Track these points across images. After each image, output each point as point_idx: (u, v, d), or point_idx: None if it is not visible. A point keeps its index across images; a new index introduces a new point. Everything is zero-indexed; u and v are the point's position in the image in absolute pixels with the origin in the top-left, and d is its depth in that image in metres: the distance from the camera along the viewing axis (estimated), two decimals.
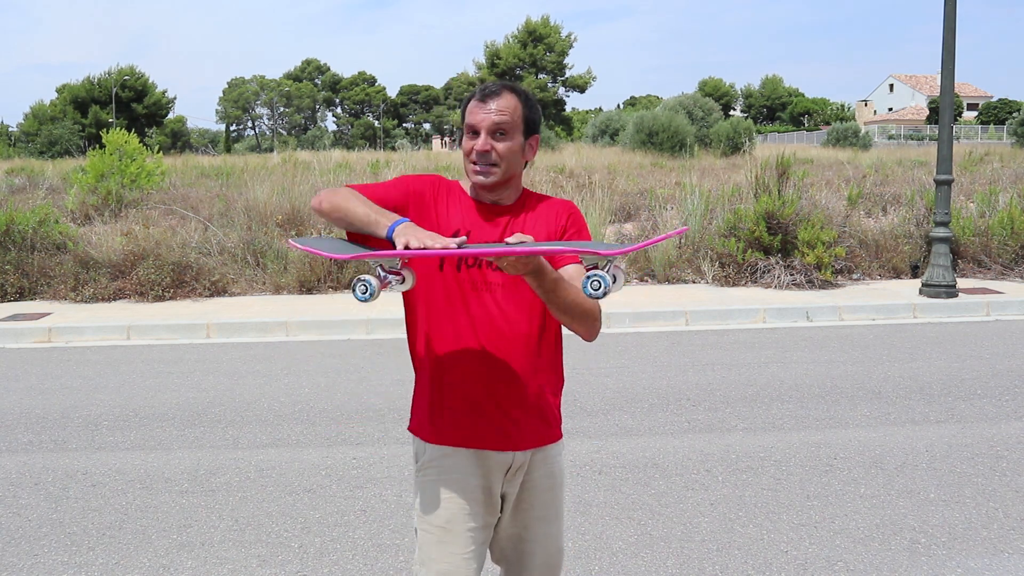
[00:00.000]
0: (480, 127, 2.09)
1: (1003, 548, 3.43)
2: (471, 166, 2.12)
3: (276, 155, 38.44)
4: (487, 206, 2.17)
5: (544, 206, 2.21)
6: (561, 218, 2.19)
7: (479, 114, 2.10)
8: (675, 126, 37.45)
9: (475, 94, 2.15)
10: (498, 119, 2.08)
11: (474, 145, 2.09)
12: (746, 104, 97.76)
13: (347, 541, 3.57)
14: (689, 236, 10.39)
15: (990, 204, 11.49)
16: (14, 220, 9.75)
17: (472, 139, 2.10)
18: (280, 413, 5.37)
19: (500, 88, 2.13)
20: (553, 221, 2.18)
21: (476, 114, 2.10)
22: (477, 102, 2.11)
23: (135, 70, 68.62)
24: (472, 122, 2.10)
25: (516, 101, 2.13)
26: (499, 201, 2.17)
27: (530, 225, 2.15)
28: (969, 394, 5.57)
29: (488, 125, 2.09)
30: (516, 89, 2.16)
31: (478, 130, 2.09)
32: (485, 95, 2.12)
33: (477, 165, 2.10)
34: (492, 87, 2.14)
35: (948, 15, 8.89)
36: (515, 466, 2.14)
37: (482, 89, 2.15)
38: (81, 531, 3.71)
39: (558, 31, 68.44)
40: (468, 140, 2.12)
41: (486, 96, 2.11)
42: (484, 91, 2.14)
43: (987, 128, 68.44)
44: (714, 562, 3.34)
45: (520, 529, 2.19)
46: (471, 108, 2.12)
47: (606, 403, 5.45)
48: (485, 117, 2.09)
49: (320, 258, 9.52)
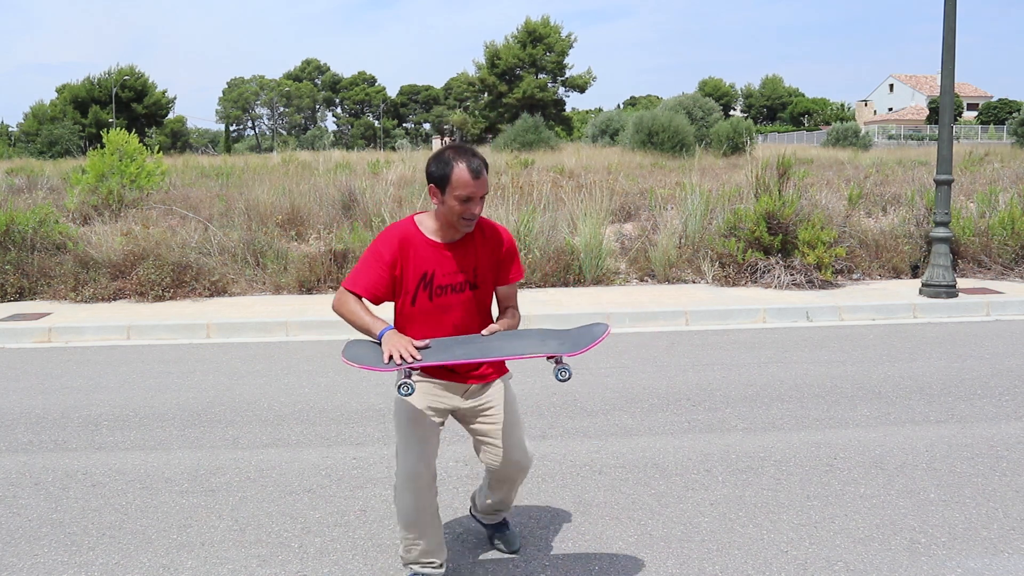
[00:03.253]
0: (474, 197, 2.85)
1: (1003, 548, 3.43)
2: (463, 221, 2.89)
3: (276, 155, 38.47)
4: (443, 245, 2.97)
5: (486, 236, 3.04)
6: (500, 250, 3.06)
7: (473, 188, 2.83)
8: (675, 126, 37.47)
9: (463, 167, 2.82)
10: (484, 192, 2.88)
11: (469, 209, 2.86)
12: (746, 104, 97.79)
13: (347, 541, 3.58)
14: (689, 236, 10.39)
15: (990, 204, 11.49)
16: (14, 220, 9.76)
17: (465, 205, 2.85)
18: (280, 413, 5.37)
19: (482, 166, 2.85)
20: (495, 250, 3.05)
21: (471, 187, 2.83)
22: (471, 178, 2.82)
23: (135, 70, 68.65)
24: (467, 193, 2.83)
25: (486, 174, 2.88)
26: (455, 238, 2.98)
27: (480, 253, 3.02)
28: (969, 394, 5.57)
29: (480, 195, 2.86)
30: (485, 162, 2.90)
31: (472, 198, 2.84)
32: (476, 173, 2.83)
33: (468, 222, 2.90)
34: (477, 165, 2.84)
35: (948, 15, 8.89)
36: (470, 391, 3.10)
37: (471, 167, 2.83)
38: (81, 531, 3.71)
39: (558, 31, 68.43)
40: (460, 204, 2.85)
41: (477, 174, 2.83)
42: (474, 169, 2.83)
43: (987, 128, 68.47)
44: (714, 562, 3.34)
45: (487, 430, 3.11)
46: (465, 181, 2.82)
47: (606, 403, 5.45)
48: (478, 191, 2.85)
49: (320, 259, 9.59)
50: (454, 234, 2.96)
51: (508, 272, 3.09)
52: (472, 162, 2.83)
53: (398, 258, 2.92)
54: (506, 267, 3.08)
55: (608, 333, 2.90)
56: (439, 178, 2.86)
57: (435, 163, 2.88)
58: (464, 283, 2.98)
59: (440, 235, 2.96)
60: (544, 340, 2.87)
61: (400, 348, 2.73)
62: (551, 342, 2.84)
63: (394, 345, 2.74)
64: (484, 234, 3.03)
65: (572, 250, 9.83)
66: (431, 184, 2.90)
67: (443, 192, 2.86)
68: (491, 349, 2.81)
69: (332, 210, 12.63)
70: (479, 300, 3.03)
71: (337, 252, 9.76)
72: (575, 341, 2.83)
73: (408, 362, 2.69)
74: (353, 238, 9.98)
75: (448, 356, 2.76)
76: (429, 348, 2.82)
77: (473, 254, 2.99)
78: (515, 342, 2.87)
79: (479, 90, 73.01)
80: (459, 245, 2.97)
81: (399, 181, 18.02)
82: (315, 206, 12.66)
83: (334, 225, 11.36)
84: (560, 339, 2.87)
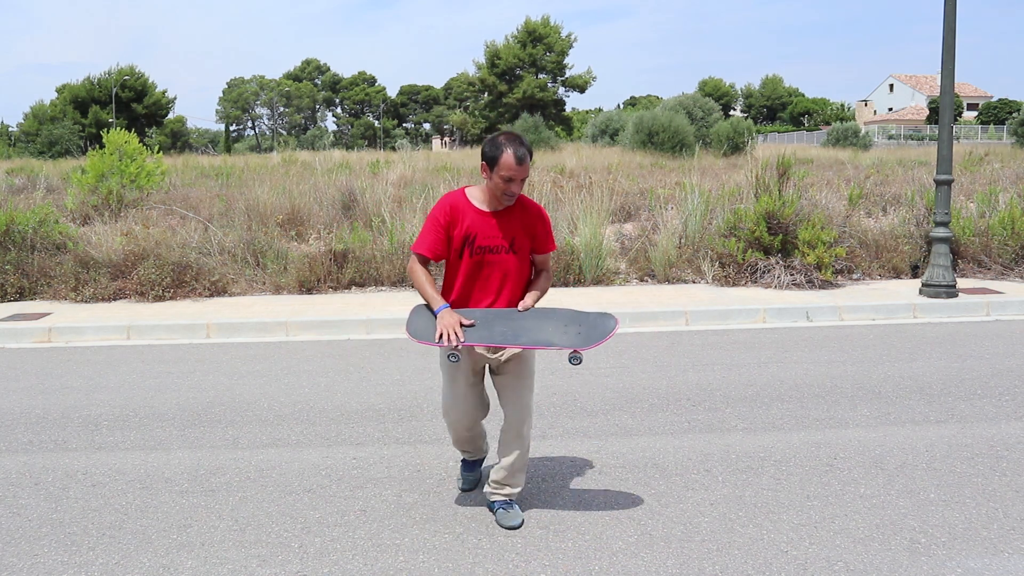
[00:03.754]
0: (516, 179, 3.46)
1: (1003, 548, 3.43)
2: (505, 196, 3.51)
3: (276, 155, 38.48)
4: (488, 213, 3.58)
5: (525, 209, 3.64)
6: (536, 224, 3.65)
7: (515, 171, 3.44)
8: (675, 126, 37.47)
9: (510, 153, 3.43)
10: (525, 176, 3.48)
11: (510, 188, 3.48)
12: (746, 104, 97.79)
13: (347, 541, 3.58)
14: (689, 236, 10.39)
15: (990, 204, 11.49)
16: (14, 220, 9.76)
17: (507, 184, 3.47)
18: (280, 413, 5.37)
19: (526, 154, 3.45)
20: (532, 224, 3.64)
21: (514, 171, 3.44)
22: (515, 164, 3.43)
23: (135, 70, 68.63)
24: (510, 175, 3.44)
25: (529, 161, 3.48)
26: (498, 208, 3.59)
27: (519, 225, 3.60)
28: (969, 394, 5.57)
29: (520, 178, 3.48)
30: (530, 150, 3.50)
31: (513, 179, 3.46)
32: (520, 160, 3.44)
33: (509, 197, 3.52)
34: (522, 153, 3.44)
35: (948, 15, 8.89)
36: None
37: (516, 154, 3.43)
38: (81, 531, 3.71)
39: (558, 31, 68.40)
40: (504, 183, 3.46)
41: (521, 161, 3.44)
42: (518, 156, 3.44)
43: (987, 128, 68.47)
44: (714, 562, 3.34)
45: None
46: (510, 165, 3.43)
47: (606, 403, 5.45)
48: (519, 174, 3.46)
49: (320, 259, 9.59)
50: (497, 205, 3.56)
51: (544, 243, 3.69)
52: (518, 150, 3.44)
53: (450, 220, 3.55)
54: (541, 239, 3.67)
55: (618, 327, 3.55)
56: (490, 159, 3.47)
57: (489, 145, 3.50)
58: (501, 247, 3.57)
59: (486, 205, 3.57)
60: (566, 327, 3.52)
61: (449, 328, 3.40)
62: (571, 329, 3.51)
63: (446, 324, 3.41)
64: (525, 209, 3.63)
65: (572, 250, 9.83)
66: (484, 162, 3.50)
67: (492, 170, 3.47)
68: (522, 331, 3.48)
69: (332, 210, 12.63)
70: (516, 264, 3.61)
71: (337, 252, 9.76)
72: (588, 334, 3.50)
73: (453, 344, 3.37)
74: (353, 238, 9.98)
75: (487, 336, 3.44)
76: (474, 326, 3.46)
77: (512, 224, 3.58)
78: (543, 325, 3.51)
79: (479, 90, 73.00)
80: (501, 215, 3.57)
81: (399, 181, 18.03)
82: (315, 206, 12.67)
83: (334, 225, 11.36)
84: (579, 324, 3.54)
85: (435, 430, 4.94)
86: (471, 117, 75.66)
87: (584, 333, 3.49)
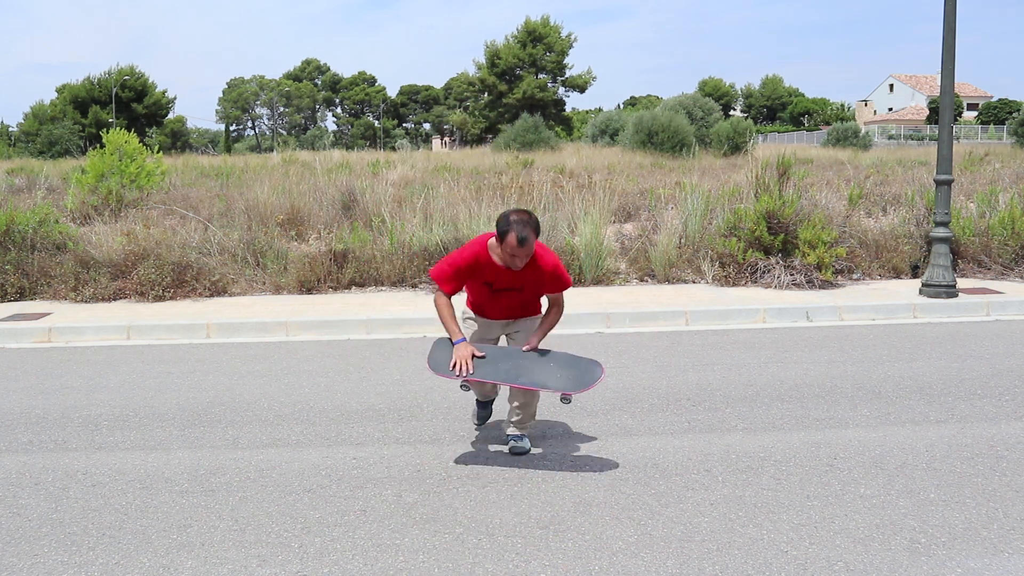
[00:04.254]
0: (518, 255, 4.09)
1: (1003, 548, 3.43)
2: (512, 265, 4.17)
3: (276, 155, 38.48)
4: (502, 267, 4.23)
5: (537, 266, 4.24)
6: (542, 275, 4.28)
7: (517, 251, 4.06)
8: (675, 126, 37.48)
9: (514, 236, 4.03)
10: (528, 254, 4.12)
11: (514, 260, 4.13)
12: (746, 104, 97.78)
13: (347, 541, 3.58)
14: (689, 236, 10.39)
15: (990, 204, 11.49)
16: (14, 220, 9.76)
17: (512, 258, 4.11)
18: (280, 413, 5.37)
19: (529, 235, 4.05)
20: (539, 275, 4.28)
21: (516, 250, 4.06)
22: (517, 245, 4.04)
23: (135, 70, 68.64)
24: (513, 253, 4.08)
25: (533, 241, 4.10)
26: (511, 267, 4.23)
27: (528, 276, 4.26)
28: (969, 394, 5.57)
29: (523, 255, 4.11)
30: (537, 230, 4.13)
31: (516, 255, 4.09)
32: (522, 243, 4.04)
33: (515, 267, 4.18)
34: (525, 235, 4.03)
35: (948, 15, 8.89)
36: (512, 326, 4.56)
37: (519, 236, 4.02)
38: (81, 531, 3.71)
39: (558, 31, 68.40)
40: (509, 256, 4.11)
41: (522, 243, 4.04)
42: (520, 239, 4.03)
43: (987, 128, 68.48)
44: (714, 562, 3.34)
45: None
46: (513, 246, 4.05)
47: (606, 403, 5.45)
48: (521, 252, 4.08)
49: (320, 259, 9.60)
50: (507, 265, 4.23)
51: (553, 288, 4.35)
52: (521, 233, 4.02)
53: (473, 271, 4.27)
54: (549, 285, 4.33)
55: (604, 375, 4.32)
56: (501, 234, 4.10)
57: (502, 222, 4.09)
58: (513, 288, 4.32)
59: (501, 261, 4.23)
60: (560, 371, 4.18)
61: (463, 359, 4.12)
62: (564, 373, 4.17)
63: (460, 355, 4.14)
64: (536, 265, 4.24)
65: (572, 250, 9.83)
66: (496, 234, 4.13)
67: (501, 243, 4.11)
68: (523, 371, 4.18)
69: (332, 210, 12.63)
70: (525, 296, 4.42)
71: (337, 252, 9.76)
72: (579, 379, 4.17)
73: (465, 375, 4.12)
74: (353, 238, 9.98)
75: (492, 373, 4.16)
76: (485, 358, 4.19)
77: (524, 276, 4.26)
78: (540, 367, 4.21)
79: (479, 90, 73.00)
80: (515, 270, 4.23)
81: (399, 181, 18.04)
82: (315, 206, 12.66)
83: (334, 225, 11.35)
84: (571, 369, 4.21)
85: (435, 430, 4.94)
86: (471, 117, 75.66)
87: (575, 377, 4.15)
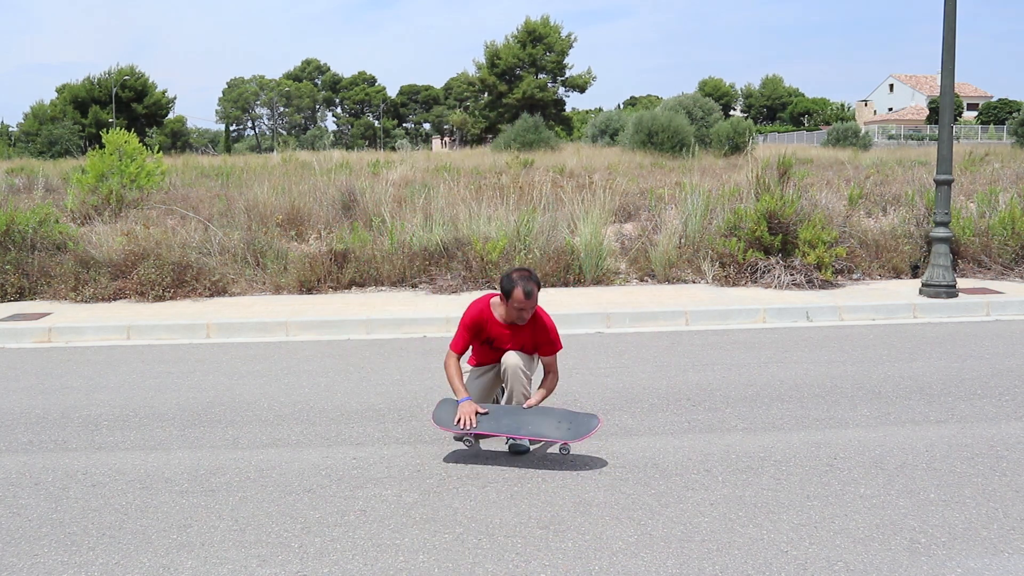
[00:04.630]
0: (525, 308, 4.37)
1: (1003, 548, 3.43)
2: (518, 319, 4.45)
3: (276, 155, 38.48)
4: (504, 325, 4.53)
5: (535, 326, 4.53)
6: (541, 336, 4.55)
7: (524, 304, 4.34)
8: (675, 126, 37.48)
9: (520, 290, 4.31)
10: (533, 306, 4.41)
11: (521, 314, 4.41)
12: (746, 104, 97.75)
13: (347, 541, 3.58)
14: (689, 236, 10.39)
15: (990, 204, 11.49)
16: (14, 220, 9.76)
17: (518, 312, 4.39)
18: (280, 413, 5.37)
19: (534, 289, 4.34)
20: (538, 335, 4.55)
21: (523, 303, 4.34)
22: (524, 298, 4.32)
23: (135, 70, 68.62)
24: (521, 306, 4.36)
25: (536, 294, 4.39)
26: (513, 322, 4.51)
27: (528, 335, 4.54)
28: (969, 394, 5.57)
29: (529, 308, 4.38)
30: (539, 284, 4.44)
31: (523, 308, 4.37)
32: (528, 295, 4.33)
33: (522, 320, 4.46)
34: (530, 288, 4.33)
35: (948, 15, 8.89)
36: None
37: (525, 290, 4.31)
38: (81, 531, 3.71)
39: (558, 31, 68.38)
40: (516, 311, 4.39)
41: (528, 296, 4.33)
42: (527, 292, 4.32)
43: (987, 128, 68.47)
44: (714, 562, 3.34)
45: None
46: (520, 300, 4.33)
47: (606, 403, 5.45)
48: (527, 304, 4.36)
49: (320, 259, 9.60)
50: (512, 321, 4.49)
51: (547, 349, 4.57)
52: (527, 287, 4.32)
53: (478, 330, 4.56)
54: (545, 347, 4.57)
55: (600, 425, 4.48)
56: (506, 291, 4.37)
57: (506, 281, 4.37)
58: (512, 345, 4.55)
59: (503, 319, 4.51)
60: (559, 423, 4.37)
61: (467, 415, 4.33)
62: (563, 425, 4.36)
63: (464, 412, 4.36)
64: (535, 325, 4.53)
65: (572, 250, 9.83)
66: (501, 292, 4.41)
67: (507, 300, 4.39)
68: (523, 425, 4.36)
69: (332, 210, 12.63)
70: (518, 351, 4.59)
71: (337, 252, 9.76)
72: (576, 430, 4.33)
73: (468, 430, 4.34)
74: (353, 238, 9.98)
75: (495, 427, 4.37)
76: (488, 415, 4.39)
77: (524, 334, 4.54)
78: (541, 421, 4.38)
79: (479, 90, 72.98)
80: (516, 328, 4.53)
81: (399, 181, 18.04)
82: (315, 206, 12.66)
83: (334, 225, 11.36)
84: (569, 422, 4.38)
85: (435, 430, 4.94)
86: (471, 117, 75.65)
87: (573, 429, 4.33)
